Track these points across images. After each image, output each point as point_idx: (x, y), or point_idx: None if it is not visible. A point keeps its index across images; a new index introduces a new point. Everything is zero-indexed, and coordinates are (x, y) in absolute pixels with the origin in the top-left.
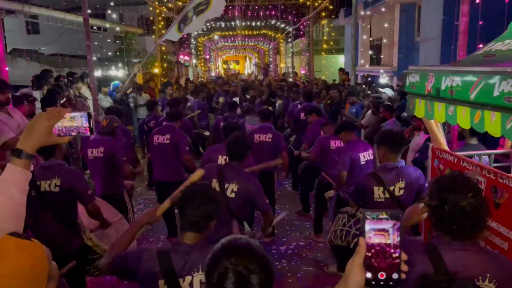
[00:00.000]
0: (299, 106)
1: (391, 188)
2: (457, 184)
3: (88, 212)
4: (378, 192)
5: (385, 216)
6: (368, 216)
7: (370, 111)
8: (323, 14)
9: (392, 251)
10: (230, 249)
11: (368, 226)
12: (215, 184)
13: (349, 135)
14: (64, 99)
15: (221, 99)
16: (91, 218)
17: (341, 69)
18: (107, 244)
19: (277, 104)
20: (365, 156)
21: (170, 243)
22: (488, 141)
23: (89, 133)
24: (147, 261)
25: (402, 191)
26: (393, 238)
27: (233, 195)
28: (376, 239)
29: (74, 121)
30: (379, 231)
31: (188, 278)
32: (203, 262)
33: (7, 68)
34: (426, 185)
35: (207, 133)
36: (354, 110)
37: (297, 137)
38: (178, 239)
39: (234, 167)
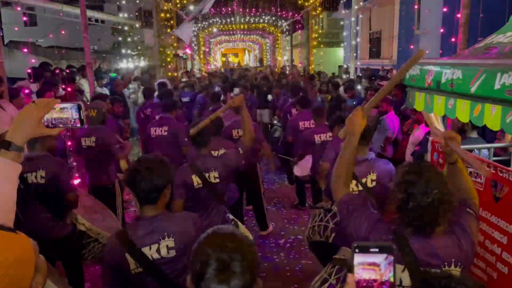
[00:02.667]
0: (290, 100)
1: (363, 180)
2: (424, 178)
3: (67, 200)
4: (351, 185)
5: (375, 249)
6: (357, 249)
7: None
8: (319, 10)
9: None
10: (213, 237)
11: (357, 259)
12: (195, 179)
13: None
14: (63, 92)
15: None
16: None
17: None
18: (98, 227)
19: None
20: None
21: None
22: (487, 135)
23: (79, 125)
24: (112, 247)
25: (374, 183)
26: (385, 274)
27: (217, 180)
28: (365, 274)
29: (64, 113)
30: (369, 265)
31: (154, 246)
32: (168, 228)
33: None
34: None
35: None
36: (355, 103)
37: (284, 133)
38: (138, 214)
39: (205, 155)
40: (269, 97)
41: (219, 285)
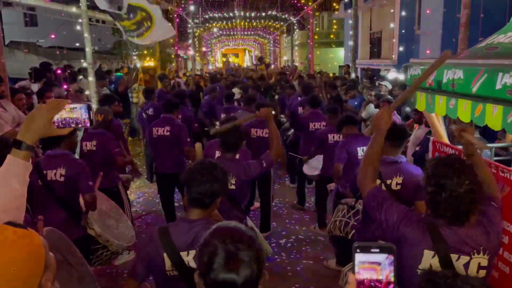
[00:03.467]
0: (299, 99)
1: (388, 182)
2: (454, 169)
3: (85, 201)
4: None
5: (376, 249)
6: (358, 249)
7: (370, 104)
8: (317, 13)
9: None
10: (219, 231)
11: (358, 259)
12: None
13: (350, 129)
14: (65, 92)
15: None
16: (86, 208)
17: (343, 66)
18: (108, 234)
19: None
20: (364, 150)
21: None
22: (488, 135)
23: (89, 124)
24: (150, 241)
25: (399, 186)
26: (385, 274)
27: (233, 187)
28: (366, 274)
29: (74, 113)
30: (370, 264)
31: (192, 252)
32: None
33: (3, 60)
34: None
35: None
36: (356, 103)
37: (294, 132)
38: (184, 215)
39: (228, 159)
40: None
41: (228, 274)
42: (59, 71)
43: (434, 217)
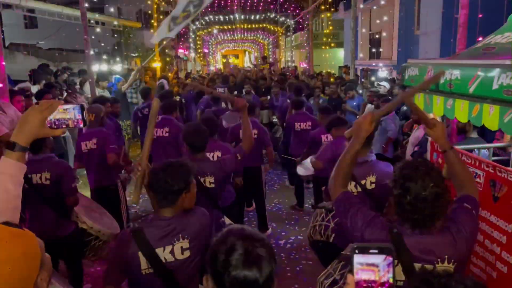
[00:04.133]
0: (288, 101)
1: (362, 182)
2: (420, 173)
3: (69, 203)
4: (350, 186)
5: (375, 250)
6: (356, 250)
7: (369, 105)
8: (322, 7)
9: None
10: (233, 231)
11: (356, 260)
12: None
13: (339, 131)
14: (65, 94)
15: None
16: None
17: (343, 67)
18: (98, 225)
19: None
20: None
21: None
22: (486, 135)
23: (82, 125)
24: (124, 244)
25: (373, 185)
26: (384, 275)
27: (212, 185)
28: (364, 275)
29: (67, 114)
30: (368, 265)
31: (168, 247)
32: (184, 229)
33: (3, 63)
34: None
35: None
36: (355, 103)
37: (284, 132)
38: (155, 214)
39: (200, 159)
40: (268, 97)
41: (249, 271)
42: (58, 73)
43: (400, 221)
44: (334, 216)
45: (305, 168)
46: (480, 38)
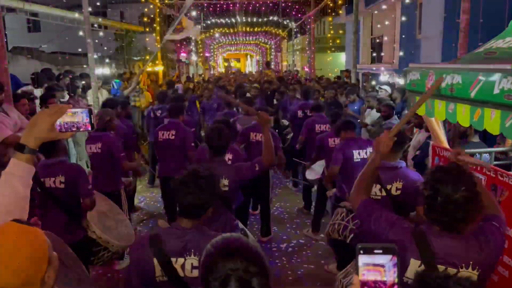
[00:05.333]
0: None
1: (388, 187)
2: (451, 176)
3: (85, 205)
4: (375, 189)
5: (379, 251)
6: (361, 250)
7: (368, 110)
8: (325, 11)
9: None
10: (227, 251)
11: (361, 260)
12: None
13: (348, 134)
14: (67, 97)
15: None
16: (86, 211)
17: (344, 71)
18: (108, 236)
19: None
20: (360, 154)
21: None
22: (488, 139)
23: (90, 128)
24: (140, 248)
25: (399, 191)
26: (390, 275)
27: (226, 188)
28: (370, 276)
29: (75, 117)
30: (374, 266)
31: (180, 260)
32: (197, 246)
33: (7, 66)
34: None
35: None
36: (356, 108)
37: (294, 135)
38: (175, 222)
39: (218, 162)
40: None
41: None
42: (61, 77)
43: (430, 222)
44: (354, 217)
45: (313, 171)
46: (481, 43)
